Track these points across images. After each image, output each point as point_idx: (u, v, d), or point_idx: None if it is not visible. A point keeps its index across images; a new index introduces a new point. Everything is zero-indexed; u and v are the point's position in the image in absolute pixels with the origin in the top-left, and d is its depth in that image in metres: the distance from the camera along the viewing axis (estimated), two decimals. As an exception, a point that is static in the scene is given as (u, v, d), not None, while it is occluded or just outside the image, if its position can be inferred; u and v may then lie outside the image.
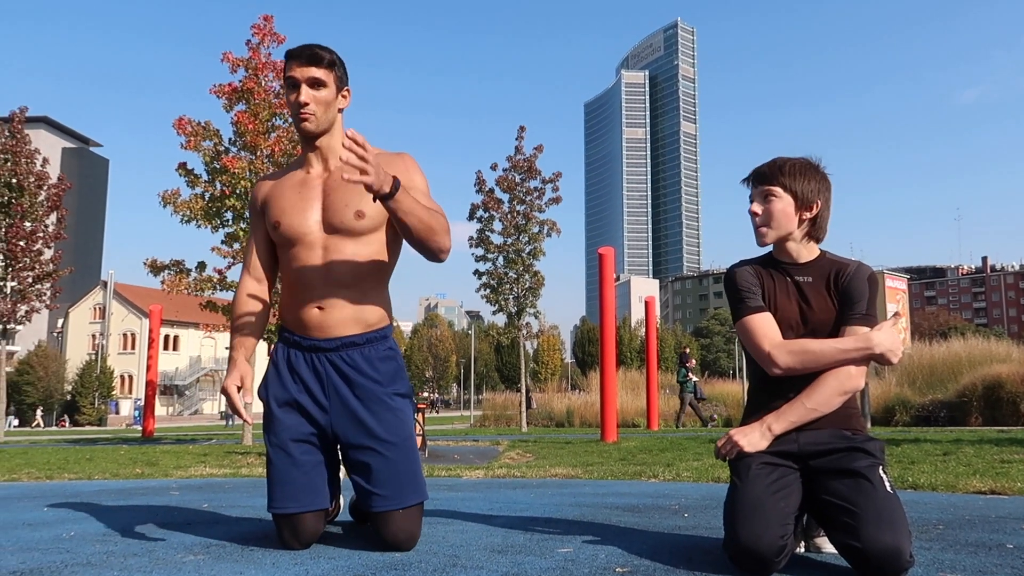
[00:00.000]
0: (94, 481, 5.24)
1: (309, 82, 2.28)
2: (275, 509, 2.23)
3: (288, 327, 2.39)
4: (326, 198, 2.32)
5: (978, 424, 15.29)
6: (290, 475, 2.23)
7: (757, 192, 2.11)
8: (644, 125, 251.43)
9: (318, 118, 2.30)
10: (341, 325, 2.30)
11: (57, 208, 17.51)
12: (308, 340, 2.32)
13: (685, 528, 2.58)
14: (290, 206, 2.34)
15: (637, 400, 19.98)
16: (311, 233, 2.31)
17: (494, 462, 6.56)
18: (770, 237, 2.10)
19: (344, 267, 2.29)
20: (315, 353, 2.31)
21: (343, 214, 2.29)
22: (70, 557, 2.17)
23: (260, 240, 2.46)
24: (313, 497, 2.24)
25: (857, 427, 2.02)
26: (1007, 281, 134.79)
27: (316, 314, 2.30)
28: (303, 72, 2.28)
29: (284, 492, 2.22)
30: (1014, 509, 3.03)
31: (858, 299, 2.03)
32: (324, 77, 2.30)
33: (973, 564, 1.94)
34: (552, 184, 17.38)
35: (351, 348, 2.31)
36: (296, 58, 2.29)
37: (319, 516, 2.26)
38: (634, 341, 75.75)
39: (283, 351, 2.38)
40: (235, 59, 11.58)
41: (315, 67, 2.28)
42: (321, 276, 2.29)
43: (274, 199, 2.39)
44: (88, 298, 65.70)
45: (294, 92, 2.30)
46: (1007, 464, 5.18)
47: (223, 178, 11.17)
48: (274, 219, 2.35)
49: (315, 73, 2.28)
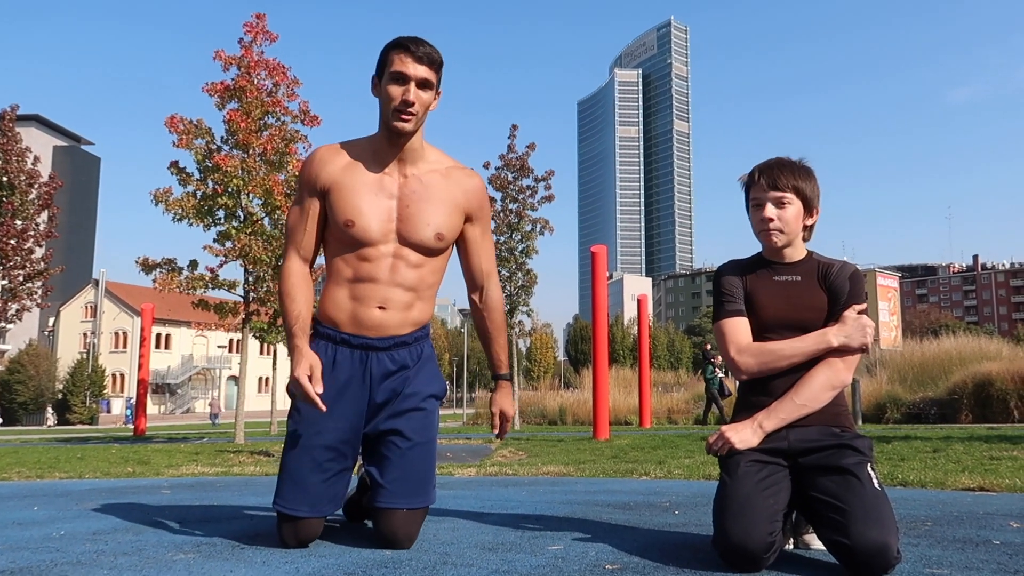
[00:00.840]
0: (85, 480, 5.22)
1: (419, 82, 2.20)
2: (284, 508, 2.18)
3: (334, 324, 2.29)
4: (403, 208, 2.26)
5: (968, 421, 15.38)
6: (310, 479, 2.19)
7: (770, 197, 2.09)
8: (637, 123, 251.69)
9: (418, 119, 2.23)
10: (399, 326, 2.28)
11: (48, 206, 17.45)
12: (360, 339, 2.26)
13: (675, 525, 2.59)
14: (367, 208, 2.24)
15: (629, 398, 20.04)
16: (384, 241, 2.25)
17: (486, 460, 6.56)
18: (782, 242, 2.10)
19: (412, 275, 2.28)
20: (365, 351, 2.27)
21: (423, 232, 2.26)
22: (60, 556, 2.16)
23: (312, 221, 2.32)
24: (326, 504, 2.21)
25: (846, 424, 2.04)
26: (998, 279, 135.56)
27: (377, 314, 2.26)
28: (416, 70, 2.19)
29: (298, 494, 2.17)
30: (1002, 506, 3.05)
31: (845, 296, 2.06)
32: (432, 79, 2.23)
33: (960, 560, 1.95)
34: (545, 182, 17.37)
35: (402, 347, 2.30)
36: (412, 54, 2.19)
37: (322, 520, 2.24)
38: (627, 339, 75.88)
39: (326, 349, 2.28)
40: (227, 57, 11.54)
41: (428, 68, 2.20)
42: (387, 279, 2.26)
43: (345, 192, 2.26)
44: (79, 296, 65.37)
45: (401, 87, 2.19)
46: (996, 461, 5.21)
47: (215, 176, 11.14)
48: (346, 217, 2.24)
49: (427, 75, 2.21)
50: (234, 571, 1.92)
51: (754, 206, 2.12)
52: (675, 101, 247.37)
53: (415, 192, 2.28)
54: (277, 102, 11.56)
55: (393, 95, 2.20)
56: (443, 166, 2.36)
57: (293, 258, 2.34)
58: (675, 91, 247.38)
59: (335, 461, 2.23)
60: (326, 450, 2.21)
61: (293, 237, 2.35)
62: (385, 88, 2.22)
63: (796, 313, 2.07)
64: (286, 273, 2.34)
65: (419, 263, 2.29)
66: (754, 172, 2.14)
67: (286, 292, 2.31)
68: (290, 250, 2.35)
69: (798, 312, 2.07)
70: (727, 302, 2.14)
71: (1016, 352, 18.46)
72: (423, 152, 2.33)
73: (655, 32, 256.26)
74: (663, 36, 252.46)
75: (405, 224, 2.26)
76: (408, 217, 2.26)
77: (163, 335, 62.19)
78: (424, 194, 2.29)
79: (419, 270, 2.29)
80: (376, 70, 2.28)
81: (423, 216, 2.26)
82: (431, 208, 2.27)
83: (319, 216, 2.32)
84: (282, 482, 2.21)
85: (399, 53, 2.20)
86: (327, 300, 2.32)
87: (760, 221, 2.10)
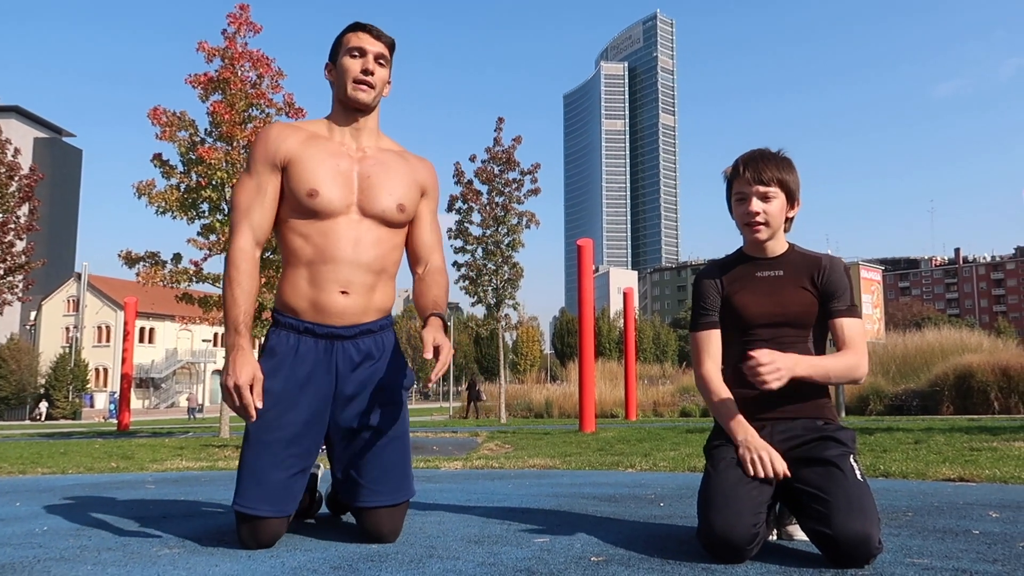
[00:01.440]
0: (68, 475, 5.18)
1: (376, 56, 2.24)
2: (244, 508, 2.08)
3: (296, 313, 2.19)
4: (363, 179, 2.23)
5: (950, 413, 15.57)
6: (270, 476, 2.10)
7: (756, 191, 2.09)
8: (623, 117, 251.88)
9: (375, 91, 2.25)
10: (362, 312, 2.21)
11: (29, 199, 17.25)
12: (324, 327, 2.18)
13: (661, 517, 2.61)
14: (329, 177, 2.18)
15: (615, 391, 20.13)
16: (345, 212, 2.18)
17: (472, 453, 6.58)
18: (766, 235, 2.11)
19: (373, 252, 2.21)
20: (330, 340, 2.19)
21: (385, 202, 2.22)
22: (43, 552, 2.14)
23: (271, 198, 2.19)
24: (287, 503, 2.13)
25: (829, 417, 2.06)
26: (979, 272, 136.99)
27: (340, 299, 2.17)
28: (373, 45, 2.23)
29: (258, 493, 2.08)
30: (981, 496, 3.09)
31: (840, 293, 2.08)
32: (387, 57, 2.27)
33: (940, 550, 1.98)
34: (531, 176, 17.40)
35: (367, 335, 2.24)
36: (368, 31, 2.24)
37: (284, 520, 2.14)
38: (613, 332, 76.09)
39: (288, 339, 2.19)
40: (211, 48, 11.45)
41: (384, 46, 2.26)
42: (349, 257, 2.17)
43: (305, 162, 2.18)
44: (62, 290, 64.71)
45: (359, 59, 2.22)
46: (976, 452, 5.28)
47: (199, 169, 11.06)
48: (310, 187, 2.15)
49: (383, 51, 2.26)
50: (219, 566, 1.91)
51: (738, 200, 2.12)
52: (661, 95, 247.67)
53: (374, 165, 2.26)
54: (261, 94, 11.48)
55: (351, 67, 2.22)
56: (398, 149, 2.38)
57: (246, 236, 2.16)
58: (661, 85, 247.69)
59: (297, 458, 2.14)
60: (287, 446, 2.12)
61: (248, 214, 2.18)
62: (341, 62, 2.24)
63: (780, 308, 2.08)
64: (236, 254, 2.14)
65: (380, 239, 2.23)
66: (738, 165, 2.13)
67: (233, 278, 2.11)
68: (243, 228, 2.17)
69: (783, 307, 2.08)
70: (701, 314, 2.18)
71: (996, 344, 18.72)
72: (378, 133, 2.35)
73: (641, 25, 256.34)
74: (649, 29, 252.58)
75: (366, 194, 2.21)
76: (369, 187, 2.22)
77: (147, 329, 61.71)
78: (383, 167, 2.27)
79: (380, 247, 2.23)
80: (330, 55, 2.30)
81: (385, 186, 2.24)
82: (392, 180, 2.25)
83: (275, 190, 2.21)
84: (241, 480, 2.11)
85: (355, 32, 2.25)
86: (286, 286, 2.21)
87: (745, 215, 2.10)
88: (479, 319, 19.87)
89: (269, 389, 2.11)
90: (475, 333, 54.15)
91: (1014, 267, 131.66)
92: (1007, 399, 15.52)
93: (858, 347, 2.05)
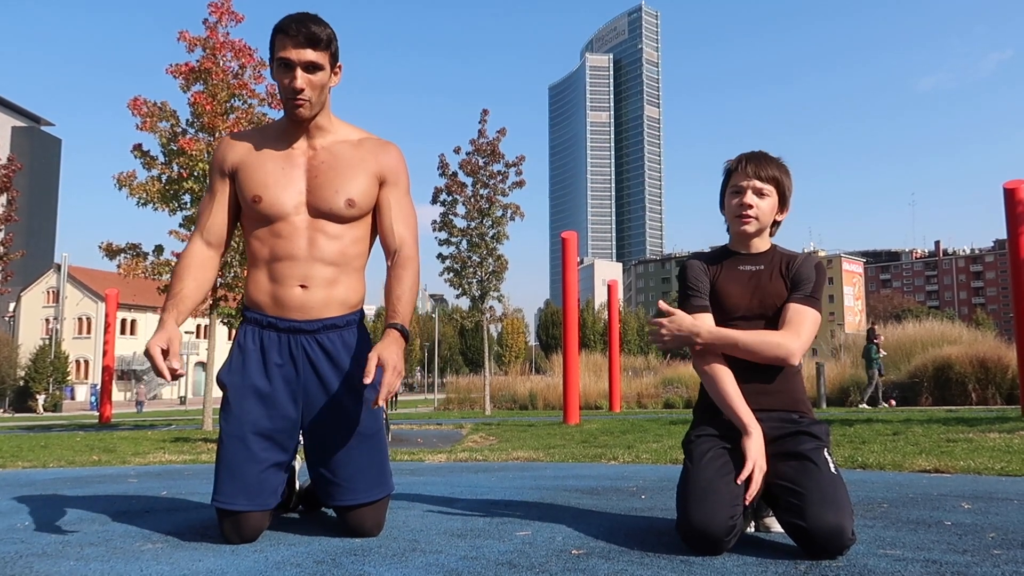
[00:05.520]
0: (49, 469, 5.15)
1: (304, 66, 2.13)
2: (222, 504, 2.10)
3: (260, 308, 2.24)
4: (312, 179, 2.22)
5: (928, 404, 15.77)
6: (244, 470, 2.12)
7: (752, 186, 2.14)
8: (608, 109, 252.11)
9: (313, 104, 2.18)
10: (323, 306, 2.21)
11: (7, 189, 17.03)
12: (286, 321, 2.20)
13: (642, 509, 2.64)
14: (273, 181, 2.21)
15: (600, 382, 20.20)
16: (295, 213, 2.21)
17: (457, 446, 6.60)
18: (753, 229, 2.16)
19: (329, 247, 2.22)
20: (293, 335, 2.21)
21: (332, 200, 2.21)
22: (25, 548, 2.14)
23: (221, 204, 2.30)
24: (265, 496, 2.14)
25: (804, 410, 2.10)
26: (958, 265, 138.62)
27: (298, 294, 2.19)
28: (299, 55, 2.12)
29: (235, 487, 2.10)
30: (955, 487, 3.15)
31: (802, 283, 2.12)
32: (320, 60, 2.15)
33: (912, 541, 2.02)
34: (516, 167, 17.38)
35: (331, 331, 2.24)
36: (292, 38, 2.11)
37: (266, 514, 2.16)
38: (597, 324, 76.37)
39: (253, 334, 2.23)
40: (192, 38, 11.31)
41: (312, 49, 2.12)
42: (305, 255, 2.20)
43: (251, 169, 2.24)
44: (41, 281, 64.03)
45: (287, 76, 2.14)
46: (952, 443, 5.37)
47: (180, 160, 10.94)
48: (253, 192, 2.21)
49: (311, 56, 2.13)
50: (202, 561, 1.92)
51: (733, 192, 2.17)
52: (646, 87, 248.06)
53: (324, 163, 2.25)
54: (243, 84, 11.36)
55: (281, 82, 2.16)
56: (355, 137, 2.32)
57: (195, 240, 2.32)
58: (646, 77, 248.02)
59: (268, 451, 2.16)
60: (257, 438, 2.15)
61: (200, 220, 2.34)
62: (274, 73, 2.19)
63: (759, 300, 2.13)
64: (183, 253, 2.32)
65: (337, 234, 2.23)
66: (740, 159, 2.19)
67: (175, 272, 2.27)
68: (194, 233, 2.34)
69: (760, 300, 2.13)
70: (693, 296, 2.18)
71: (975, 336, 18.94)
72: (331, 126, 2.30)
73: (626, 17, 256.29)
74: (634, 21, 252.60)
75: (314, 195, 2.21)
76: (317, 188, 2.22)
77: (128, 321, 61.24)
78: (333, 163, 2.25)
79: (338, 241, 2.23)
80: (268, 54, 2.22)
81: (332, 184, 2.22)
82: (340, 176, 2.23)
83: (229, 199, 2.30)
84: (218, 476, 2.13)
85: (280, 37, 2.14)
86: (250, 283, 2.27)
87: (738, 206, 2.15)
88: (464, 311, 19.81)
89: (238, 381, 2.19)
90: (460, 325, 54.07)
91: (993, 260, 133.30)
92: (984, 390, 15.73)
93: (793, 327, 2.05)
